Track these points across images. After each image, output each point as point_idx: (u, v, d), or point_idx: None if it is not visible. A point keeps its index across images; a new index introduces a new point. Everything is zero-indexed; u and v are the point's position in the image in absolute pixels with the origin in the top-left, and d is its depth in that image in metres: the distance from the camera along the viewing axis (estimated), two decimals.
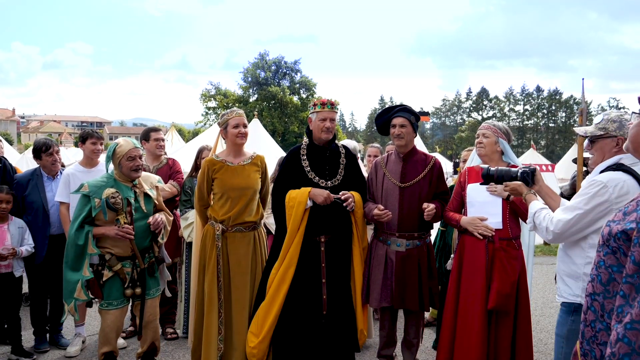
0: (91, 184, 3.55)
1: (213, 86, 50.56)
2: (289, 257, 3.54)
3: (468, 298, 3.41)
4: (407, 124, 3.71)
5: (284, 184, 3.68)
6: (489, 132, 3.53)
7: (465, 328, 3.39)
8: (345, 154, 3.82)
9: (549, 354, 4.65)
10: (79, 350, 4.52)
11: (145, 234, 3.63)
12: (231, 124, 3.72)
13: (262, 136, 11.08)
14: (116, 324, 3.57)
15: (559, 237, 2.61)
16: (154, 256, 3.74)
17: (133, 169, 3.55)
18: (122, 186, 3.57)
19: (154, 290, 3.73)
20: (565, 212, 2.57)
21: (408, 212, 3.69)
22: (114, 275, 3.53)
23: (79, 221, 3.45)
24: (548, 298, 6.40)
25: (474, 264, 3.41)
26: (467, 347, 3.36)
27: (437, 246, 4.78)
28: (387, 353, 3.92)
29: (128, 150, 3.54)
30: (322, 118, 3.64)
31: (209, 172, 3.72)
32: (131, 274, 3.57)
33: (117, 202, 3.47)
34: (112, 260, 3.52)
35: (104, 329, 3.58)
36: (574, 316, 2.66)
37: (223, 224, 3.69)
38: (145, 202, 3.65)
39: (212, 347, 3.65)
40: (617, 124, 2.60)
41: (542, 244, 10.26)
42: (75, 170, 4.54)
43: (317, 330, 3.60)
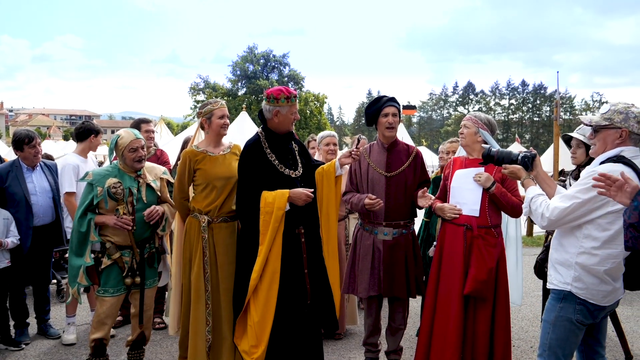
0: (96, 172, 3.66)
1: (202, 80, 50.38)
2: (272, 260, 3.44)
3: (447, 284, 3.50)
4: (397, 113, 3.81)
5: (252, 179, 3.49)
6: (470, 123, 3.63)
7: (444, 313, 3.48)
8: (295, 142, 3.76)
9: (529, 341, 4.78)
10: (75, 337, 4.59)
11: (146, 224, 3.68)
12: (217, 114, 3.72)
13: (250, 129, 11.10)
14: (112, 311, 3.63)
15: (553, 224, 2.67)
16: (155, 247, 3.79)
17: (136, 160, 3.62)
18: (126, 176, 3.65)
19: (151, 280, 3.79)
20: (562, 200, 2.62)
21: (394, 201, 3.77)
22: (112, 264, 3.59)
23: (83, 209, 3.55)
24: (530, 287, 6.54)
25: (453, 250, 3.50)
26: (444, 331, 3.45)
27: (422, 237, 4.87)
28: (373, 341, 4.00)
29: (130, 141, 3.60)
30: (293, 111, 3.56)
31: (191, 163, 3.70)
32: (130, 263, 3.62)
33: (117, 192, 3.55)
34: (112, 248, 3.58)
35: (99, 314, 3.63)
36: (563, 303, 2.74)
37: (208, 215, 3.69)
38: (147, 193, 3.71)
39: (200, 339, 3.67)
40: (623, 116, 2.61)
41: (524, 235, 10.43)
42: (79, 161, 4.62)
43: (303, 320, 3.65)
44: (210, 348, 3.68)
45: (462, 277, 3.44)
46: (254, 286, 3.44)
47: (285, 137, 3.63)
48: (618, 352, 4.32)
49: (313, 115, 45.76)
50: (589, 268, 2.63)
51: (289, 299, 3.50)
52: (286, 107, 3.49)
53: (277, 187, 3.47)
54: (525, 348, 4.61)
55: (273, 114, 3.51)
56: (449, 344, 3.42)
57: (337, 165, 3.56)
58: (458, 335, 3.41)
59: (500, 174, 3.53)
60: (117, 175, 3.61)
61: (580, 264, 2.65)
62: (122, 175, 3.64)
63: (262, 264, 3.43)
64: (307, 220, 3.62)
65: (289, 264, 3.50)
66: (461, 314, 3.43)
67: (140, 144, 3.65)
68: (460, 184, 3.58)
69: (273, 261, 3.45)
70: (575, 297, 2.68)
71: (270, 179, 3.50)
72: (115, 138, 3.67)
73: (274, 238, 3.43)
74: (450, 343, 3.41)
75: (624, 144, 2.59)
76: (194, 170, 3.72)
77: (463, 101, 76.15)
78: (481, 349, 3.44)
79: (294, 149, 3.71)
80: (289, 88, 3.54)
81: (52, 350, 4.42)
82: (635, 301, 6.11)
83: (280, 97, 3.46)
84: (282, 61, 51.70)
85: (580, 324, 2.72)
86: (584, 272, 2.64)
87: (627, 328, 5.05)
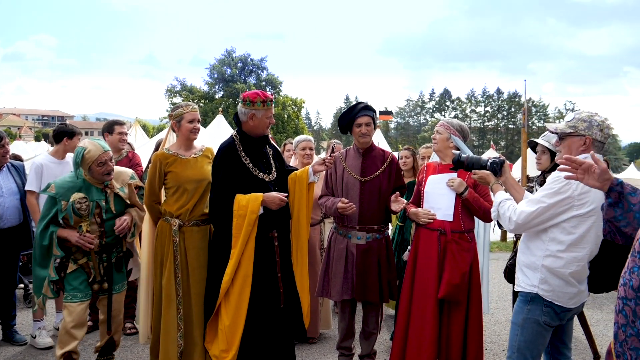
0: (59, 184, 3.45)
1: (179, 82, 49.92)
2: (244, 263, 3.40)
3: (421, 288, 3.52)
4: (371, 122, 3.82)
5: (226, 181, 3.45)
6: (442, 129, 3.67)
7: (419, 317, 3.49)
8: (269, 144, 3.74)
9: (501, 344, 4.83)
10: (52, 341, 4.45)
11: (112, 230, 3.57)
12: (186, 118, 3.68)
13: (226, 132, 11.02)
14: (81, 317, 3.49)
15: (520, 227, 2.72)
16: (122, 251, 3.69)
17: (105, 174, 3.48)
18: (93, 188, 3.50)
19: (119, 285, 3.69)
20: (528, 205, 2.68)
21: (368, 205, 3.78)
22: (78, 268, 3.48)
23: (45, 222, 3.39)
24: (503, 292, 6.62)
25: (427, 255, 3.53)
26: (419, 335, 3.46)
27: (396, 241, 4.89)
28: (346, 345, 3.99)
29: (98, 155, 3.42)
30: (268, 115, 3.53)
31: (162, 166, 3.65)
32: (97, 268, 3.52)
33: (82, 208, 3.40)
34: (78, 253, 3.47)
35: (66, 325, 3.45)
36: (530, 305, 2.79)
37: (179, 218, 3.65)
38: (115, 203, 3.59)
39: (172, 344, 3.62)
40: (586, 124, 2.67)
41: (499, 240, 10.59)
42: (47, 161, 4.52)
43: (277, 323, 3.62)
44: (182, 353, 3.62)
45: (437, 281, 3.46)
46: (226, 289, 3.40)
47: (260, 141, 3.60)
48: (587, 354, 4.40)
49: (291, 120, 45.75)
50: (554, 271, 2.69)
51: (261, 302, 3.47)
52: (262, 110, 3.46)
53: (250, 190, 3.44)
54: (497, 351, 4.66)
55: (248, 117, 3.48)
56: (425, 347, 3.43)
57: (310, 172, 3.56)
58: (433, 338, 3.43)
59: (473, 179, 3.57)
60: (83, 188, 3.45)
61: (546, 266, 2.71)
62: (88, 187, 3.49)
63: (235, 267, 3.38)
64: (281, 224, 3.60)
65: (262, 267, 3.47)
66: (436, 317, 3.45)
67: (109, 156, 3.48)
68: (434, 189, 3.61)
69: (245, 265, 3.41)
70: (542, 299, 2.74)
71: (244, 182, 3.47)
72: (81, 151, 3.43)
73: (246, 241, 3.40)
74: (426, 347, 3.42)
75: (587, 150, 2.63)
76: (164, 174, 3.67)
77: (439, 108, 77.03)
78: (455, 352, 3.47)
79: (268, 152, 3.68)
80: (265, 92, 3.52)
81: (18, 356, 4.29)
82: (605, 305, 6.23)
83: (256, 100, 3.43)
84: (260, 65, 51.64)
85: (547, 325, 2.78)
86: (550, 274, 2.70)
87: (596, 331, 5.15)
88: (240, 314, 3.39)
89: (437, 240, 3.49)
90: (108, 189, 3.56)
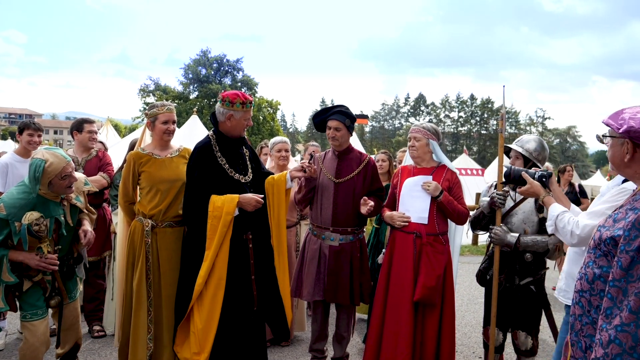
0: (9, 204, 3.01)
1: (152, 81, 49.19)
2: (218, 265, 3.36)
3: (397, 291, 3.54)
4: (341, 127, 3.80)
5: (201, 182, 3.41)
6: (420, 135, 3.69)
7: (394, 319, 3.51)
8: (244, 145, 3.70)
9: (472, 346, 4.89)
10: (3, 344, 4.37)
11: (69, 244, 3.38)
12: (160, 119, 3.62)
13: (200, 133, 10.90)
14: (46, 336, 3.23)
15: (583, 241, 2.63)
16: (72, 257, 3.44)
17: (68, 186, 3.17)
18: (50, 203, 3.16)
19: (74, 292, 3.49)
20: (591, 218, 2.61)
21: (342, 207, 3.78)
22: (34, 285, 3.21)
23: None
24: (474, 295, 6.71)
25: (403, 258, 3.55)
26: (395, 337, 3.48)
27: (371, 243, 4.90)
28: (319, 347, 3.98)
29: (62, 168, 3.06)
30: (247, 117, 3.51)
31: (135, 165, 3.60)
32: (52, 282, 3.27)
33: (41, 229, 3.02)
34: (32, 270, 3.17)
35: (31, 344, 3.14)
36: None
37: (152, 219, 3.58)
38: (72, 214, 3.32)
39: (141, 346, 3.55)
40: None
41: (470, 244, 10.73)
42: (13, 160, 4.38)
43: (249, 326, 3.59)
44: (152, 356, 3.56)
45: (412, 284, 3.48)
46: (199, 292, 3.35)
47: (237, 142, 3.57)
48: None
49: (266, 122, 45.56)
50: None
51: (235, 305, 3.43)
52: (240, 112, 3.43)
53: (225, 191, 3.41)
54: (467, 354, 4.71)
55: (226, 117, 3.43)
56: (401, 350, 3.44)
57: (288, 177, 3.56)
58: (409, 341, 3.44)
59: (447, 183, 3.61)
60: (38, 205, 3.07)
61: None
62: (44, 202, 3.11)
63: (208, 269, 3.34)
64: (256, 226, 3.57)
65: (236, 270, 3.44)
66: (412, 320, 3.47)
67: (72, 167, 3.16)
68: (410, 191, 3.63)
69: (220, 267, 3.37)
70: None
71: (219, 182, 3.43)
72: (41, 164, 3.01)
73: (221, 243, 3.36)
74: (402, 349, 3.44)
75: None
76: (138, 173, 3.61)
77: (414, 112, 77.81)
78: (429, 354, 3.49)
79: (244, 153, 3.65)
80: (245, 94, 3.48)
81: None
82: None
83: (235, 101, 3.39)
84: (236, 66, 51.25)
85: None
86: None
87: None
88: (213, 316, 3.34)
89: (412, 243, 3.52)
90: (65, 202, 3.27)
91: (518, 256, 3.52)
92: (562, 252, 3.58)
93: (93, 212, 3.64)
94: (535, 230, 3.52)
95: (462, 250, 9.75)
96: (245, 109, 3.44)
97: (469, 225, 3.82)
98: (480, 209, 3.68)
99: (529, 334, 3.57)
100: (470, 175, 15.68)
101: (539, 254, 3.51)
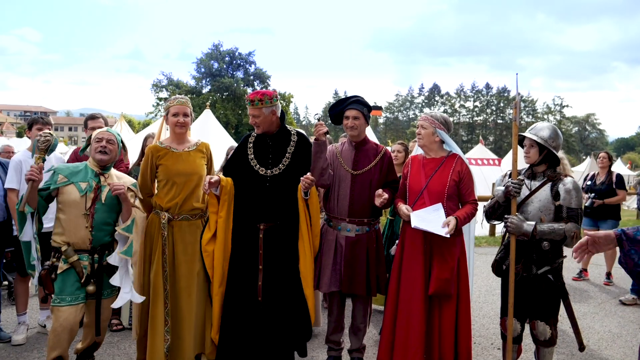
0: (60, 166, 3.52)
1: (165, 76, 49.52)
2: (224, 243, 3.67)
3: (409, 283, 3.51)
4: (359, 116, 3.79)
5: (228, 170, 3.80)
6: (426, 124, 3.63)
7: (406, 312, 3.48)
8: (297, 142, 3.80)
9: (490, 337, 4.86)
10: (25, 338, 4.43)
11: (106, 228, 3.42)
12: (171, 111, 3.67)
13: (212, 127, 10.93)
14: (69, 323, 3.23)
15: None
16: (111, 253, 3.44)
17: (98, 150, 3.42)
18: (89, 170, 3.45)
19: (109, 290, 3.48)
20: None
21: (359, 198, 3.77)
22: (69, 268, 3.29)
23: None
24: (491, 286, 6.66)
25: (414, 250, 3.52)
26: (406, 330, 3.46)
27: (386, 235, 4.89)
28: (335, 339, 3.98)
29: (99, 132, 3.52)
30: (252, 114, 3.71)
31: (153, 158, 3.65)
32: (89, 268, 3.33)
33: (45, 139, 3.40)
34: (69, 250, 3.29)
35: (55, 329, 3.23)
36: None
37: (169, 212, 3.62)
38: (107, 196, 3.41)
39: (159, 338, 3.59)
40: None
41: (487, 235, 10.65)
42: (26, 157, 4.42)
43: (255, 316, 3.63)
44: (169, 348, 3.59)
45: (424, 276, 3.46)
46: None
47: (265, 137, 3.77)
48: (574, 346, 4.42)
49: None
50: None
51: (236, 289, 3.64)
52: (249, 109, 3.70)
53: (243, 179, 3.70)
54: (485, 345, 4.68)
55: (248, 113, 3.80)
56: (412, 343, 3.42)
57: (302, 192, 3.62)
58: (420, 334, 3.42)
59: (456, 175, 3.53)
60: (82, 171, 3.43)
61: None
62: (87, 169, 3.45)
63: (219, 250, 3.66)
64: (272, 218, 3.65)
65: (242, 258, 3.63)
66: (424, 312, 3.44)
67: (109, 136, 3.48)
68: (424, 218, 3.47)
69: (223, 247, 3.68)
70: None
71: (242, 172, 3.73)
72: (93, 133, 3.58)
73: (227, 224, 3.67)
74: (413, 342, 3.42)
75: None
76: (156, 166, 3.66)
77: (429, 103, 77.37)
78: (448, 346, 3.46)
79: (284, 148, 3.77)
80: (258, 92, 3.67)
81: (1, 353, 4.23)
82: (591, 298, 6.29)
83: (247, 100, 3.69)
84: (248, 59, 51.29)
85: None
86: None
87: (583, 324, 5.21)
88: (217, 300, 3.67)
89: (422, 235, 3.48)
90: (103, 177, 3.45)
91: (535, 245, 3.48)
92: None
93: (143, 211, 3.71)
94: (552, 218, 3.47)
95: (478, 242, 9.70)
96: (252, 107, 3.66)
97: (484, 215, 3.77)
98: (495, 199, 3.64)
99: (547, 323, 3.53)
100: (486, 165, 15.55)
101: (556, 242, 3.46)
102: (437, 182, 3.55)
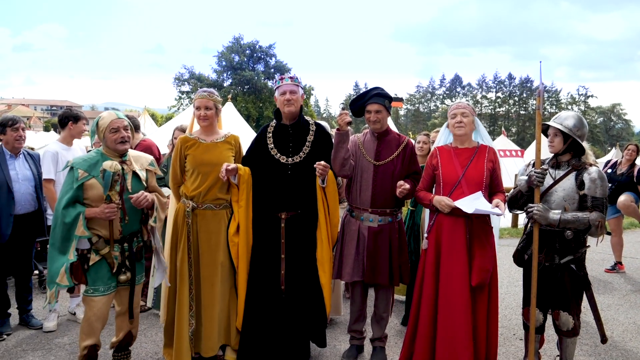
0: (76, 159, 3.35)
1: (187, 70, 49.92)
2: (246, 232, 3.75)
3: (450, 277, 3.44)
4: (381, 109, 3.80)
5: (247, 160, 3.85)
6: (467, 112, 3.58)
7: (449, 307, 3.41)
8: (315, 131, 3.85)
9: (512, 328, 4.85)
10: (56, 325, 4.59)
11: (136, 215, 3.42)
12: (195, 105, 3.78)
13: (234, 120, 11.03)
14: (102, 312, 3.31)
15: None
16: (142, 240, 3.51)
17: (119, 142, 3.33)
18: (106, 159, 3.34)
19: (139, 276, 3.50)
20: None
21: (381, 189, 3.79)
22: (100, 259, 3.29)
23: (67, 197, 3.18)
24: (514, 277, 6.62)
25: (456, 242, 3.45)
26: (452, 325, 3.39)
27: (407, 225, 4.89)
28: (357, 328, 4.02)
29: (110, 121, 3.32)
30: (283, 92, 3.75)
31: (182, 149, 3.76)
32: (120, 258, 3.34)
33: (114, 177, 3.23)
34: (100, 243, 3.28)
35: (88, 318, 3.29)
36: None
37: (193, 200, 3.70)
38: (133, 182, 3.39)
39: (184, 323, 3.68)
40: None
41: (509, 227, 10.55)
42: (60, 148, 4.61)
43: (278, 305, 3.70)
44: (193, 333, 3.69)
45: (467, 268, 3.41)
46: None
47: (287, 126, 3.84)
48: (597, 337, 4.39)
49: None
50: None
51: (259, 278, 3.72)
52: (277, 90, 3.83)
53: (263, 167, 3.77)
54: (508, 335, 4.67)
55: (275, 100, 3.92)
56: (460, 337, 3.35)
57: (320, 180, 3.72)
58: (468, 327, 3.36)
59: (491, 164, 3.53)
60: (100, 162, 3.28)
61: None
62: (106, 159, 3.32)
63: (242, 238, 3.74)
64: (293, 207, 3.71)
65: (264, 245, 3.72)
66: (469, 305, 3.39)
67: (123, 124, 3.35)
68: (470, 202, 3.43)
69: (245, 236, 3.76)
70: None
71: (260, 158, 3.80)
72: (97, 119, 3.40)
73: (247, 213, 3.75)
74: (461, 337, 3.35)
75: None
76: (184, 156, 3.76)
77: (450, 94, 76.53)
78: (482, 337, 3.45)
79: (304, 137, 3.82)
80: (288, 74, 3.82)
81: (33, 339, 4.38)
82: (615, 290, 6.21)
83: (276, 80, 3.86)
84: (269, 52, 51.37)
85: None
86: None
87: (607, 316, 5.16)
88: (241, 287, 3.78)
89: (464, 225, 3.45)
90: (125, 165, 3.39)
91: (558, 234, 3.46)
92: (605, 230, 3.48)
93: (163, 195, 3.63)
94: (576, 207, 3.45)
95: (501, 233, 9.61)
96: (277, 85, 3.81)
97: (506, 205, 3.75)
98: (517, 188, 3.62)
99: (570, 313, 3.51)
100: (509, 157, 15.38)
101: (579, 232, 3.43)
102: (474, 172, 3.51)
